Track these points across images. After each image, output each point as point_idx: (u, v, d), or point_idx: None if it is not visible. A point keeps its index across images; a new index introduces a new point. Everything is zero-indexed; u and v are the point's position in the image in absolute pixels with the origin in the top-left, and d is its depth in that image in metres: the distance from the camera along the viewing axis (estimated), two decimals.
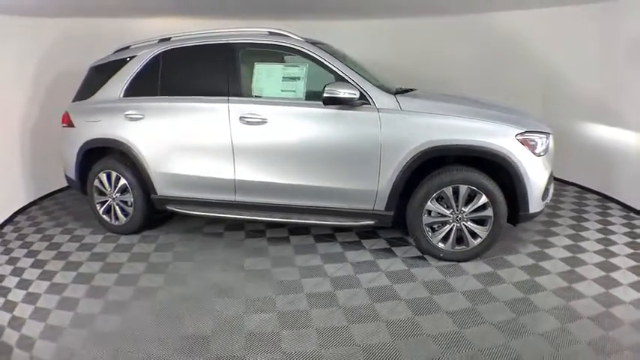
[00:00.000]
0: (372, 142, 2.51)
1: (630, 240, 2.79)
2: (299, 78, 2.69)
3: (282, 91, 2.73)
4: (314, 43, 2.79)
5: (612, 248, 2.69)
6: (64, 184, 4.20)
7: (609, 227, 3.02)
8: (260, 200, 2.85)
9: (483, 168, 2.52)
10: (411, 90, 2.89)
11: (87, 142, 3.12)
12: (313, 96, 2.70)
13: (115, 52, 3.28)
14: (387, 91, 2.65)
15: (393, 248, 2.87)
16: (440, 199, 2.56)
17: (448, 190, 2.51)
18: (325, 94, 2.46)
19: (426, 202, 2.54)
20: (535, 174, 2.43)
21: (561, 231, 3.02)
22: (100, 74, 3.23)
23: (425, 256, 2.72)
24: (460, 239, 2.60)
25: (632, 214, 3.23)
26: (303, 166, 2.67)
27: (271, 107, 2.67)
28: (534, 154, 2.43)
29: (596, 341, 1.81)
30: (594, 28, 3.56)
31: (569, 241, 2.84)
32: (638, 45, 3.16)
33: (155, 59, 3.00)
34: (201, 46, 2.90)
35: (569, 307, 2.08)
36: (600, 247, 2.72)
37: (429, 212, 2.58)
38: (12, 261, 2.79)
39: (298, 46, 2.69)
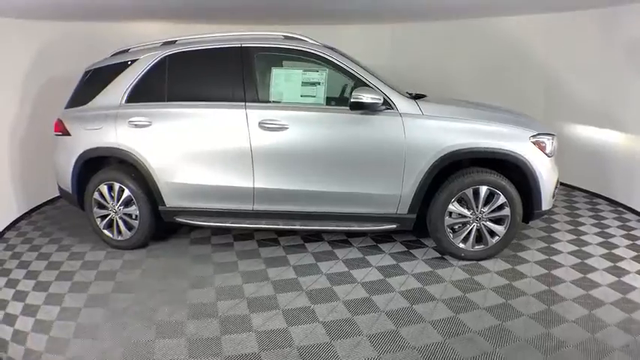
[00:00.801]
0: (397, 146, 2.62)
1: (626, 232, 3.13)
2: (319, 83, 2.74)
3: (301, 96, 2.77)
4: (330, 49, 2.86)
5: (612, 240, 3.00)
6: (51, 196, 4.06)
7: (603, 222, 3.36)
8: (280, 208, 2.85)
9: (496, 168, 2.72)
10: (423, 95, 3.04)
11: (86, 152, 2.95)
12: (330, 101, 2.77)
13: (112, 56, 3.14)
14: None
15: (412, 251, 2.98)
16: (459, 201, 2.72)
17: (469, 192, 2.67)
18: (352, 99, 2.54)
19: (448, 204, 2.69)
20: (547, 173, 2.66)
21: (561, 227, 3.31)
22: (97, 79, 3.07)
23: (444, 256, 2.86)
24: (478, 239, 2.77)
25: (620, 209, 3.61)
26: (326, 172, 2.72)
27: (293, 112, 2.70)
28: (546, 154, 2.67)
29: (622, 324, 2.03)
30: (595, 33, 3.77)
31: (571, 236, 3.12)
32: (638, 50, 3.38)
33: (161, 63, 2.92)
34: (213, 49, 2.87)
35: (591, 295, 2.30)
36: (601, 239, 3.03)
37: (450, 214, 2.73)
38: (11, 283, 2.58)
39: (318, 51, 2.75)
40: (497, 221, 2.72)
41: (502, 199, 2.66)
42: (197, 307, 2.31)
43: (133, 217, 3.00)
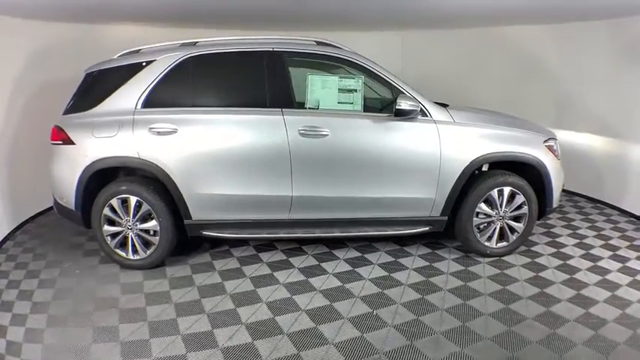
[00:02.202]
0: (433, 151, 2.92)
1: (613, 225, 3.81)
2: (356, 90, 2.95)
3: (338, 103, 2.94)
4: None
5: (604, 233, 3.63)
6: (33, 213, 3.81)
7: (590, 217, 4.03)
8: (317, 216, 2.99)
9: (511, 170, 3.14)
10: (446, 104, 3.39)
11: (96, 163, 2.79)
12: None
13: (120, 56, 3.02)
14: None
15: (437, 251, 3.30)
16: (484, 202, 3.09)
17: (494, 193, 3.06)
18: (397, 107, 2.78)
19: (477, 205, 3.05)
20: (557, 174, 3.15)
21: (556, 223, 3.89)
22: (105, 81, 2.94)
23: (468, 254, 3.22)
24: (500, 236, 3.17)
25: (599, 205, 4.34)
26: (367, 178, 2.92)
27: (333, 119, 2.86)
28: (555, 156, 3.17)
29: None
30: (609, 42, 4.06)
31: (568, 231, 3.70)
32: None
33: (182, 65, 2.89)
34: (244, 52, 2.93)
35: (607, 279, 2.81)
36: (595, 232, 3.64)
37: (477, 214, 3.10)
38: (18, 320, 2.35)
39: (354, 58, 2.96)
40: (516, 219, 3.16)
41: (522, 199, 3.10)
42: (257, 326, 2.33)
43: (151, 233, 2.90)
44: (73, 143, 2.82)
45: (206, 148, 2.81)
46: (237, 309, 2.49)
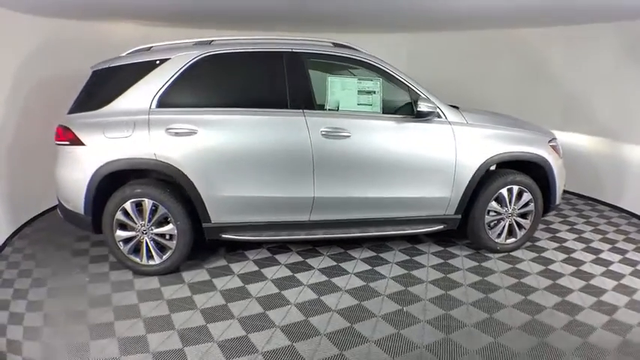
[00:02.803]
0: (449, 152, 3.11)
1: (607, 220, 4.18)
2: (374, 92, 3.09)
3: (358, 104, 3.07)
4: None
5: (600, 227, 3.98)
6: (30, 216, 3.72)
7: (584, 213, 4.39)
8: (337, 217, 3.10)
9: (517, 168, 3.40)
10: (456, 107, 3.59)
11: (109, 164, 2.75)
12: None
13: (129, 54, 3.00)
14: None
15: (449, 249, 3.51)
16: (495, 200, 3.32)
17: (504, 191, 3.30)
18: (417, 109, 2.95)
19: (488, 203, 3.27)
20: (560, 172, 3.45)
21: (553, 219, 4.22)
22: (114, 79, 2.91)
23: (479, 251, 3.44)
24: (509, 232, 3.42)
25: (590, 202, 4.74)
26: (387, 179, 3.07)
27: (355, 121, 2.99)
28: (559, 156, 3.46)
29: None
30: (614, 45, 4.29)
31: (567, 226, 4.02)
32: None
33: (199, 64, 2.91)
34: (263, 52, 3.00)
35: (611, 270, 3.12)
36: (591, 227, 3.99)
37: (489, 212, 3.32)
38: (31, 334, 2.28)
39: (372, 61, 3.10)
40: (523, 216, 3.41)
41: (529, 196, 3.36)
42: (292, 328, 2.40)
43: (167, 237, 2.89)
44: (81, 144, 2.77)
45: (227, 150, 2.84)
46: (266, 312, 2.55)
